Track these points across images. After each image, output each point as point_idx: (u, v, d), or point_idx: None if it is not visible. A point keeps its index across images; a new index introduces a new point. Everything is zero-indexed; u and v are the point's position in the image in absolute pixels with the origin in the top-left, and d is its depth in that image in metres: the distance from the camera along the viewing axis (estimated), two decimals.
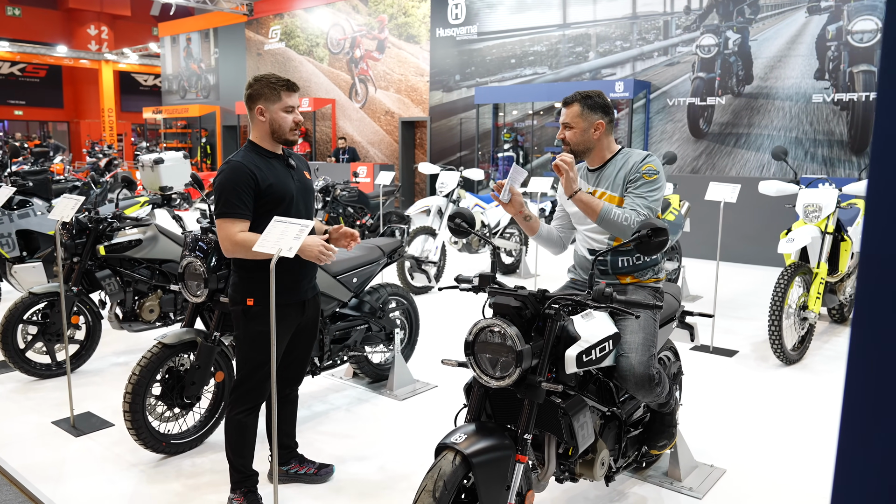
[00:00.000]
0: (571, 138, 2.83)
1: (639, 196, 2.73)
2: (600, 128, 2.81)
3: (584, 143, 2.83)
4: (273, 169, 2.87)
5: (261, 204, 2.80)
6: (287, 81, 2.87)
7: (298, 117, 2.91)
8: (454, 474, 2.10)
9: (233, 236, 2.73)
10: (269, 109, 2.84)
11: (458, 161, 14.12)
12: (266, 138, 2.89)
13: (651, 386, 2.59)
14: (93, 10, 29.17)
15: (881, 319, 0.76)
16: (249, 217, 2.78)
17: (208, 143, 20.76)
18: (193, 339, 3.47)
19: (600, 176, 2.89)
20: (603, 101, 2.83)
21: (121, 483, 3.24)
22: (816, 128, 9.94)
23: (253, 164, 2.80)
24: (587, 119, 2.80)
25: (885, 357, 0.76)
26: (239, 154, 2.86)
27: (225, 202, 2.74)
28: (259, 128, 2.88)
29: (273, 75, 2.87)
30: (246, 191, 2.75)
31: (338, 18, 16.47)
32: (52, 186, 7.52)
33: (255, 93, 2.85)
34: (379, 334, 4.35)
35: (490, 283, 2.46)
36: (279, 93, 2.83)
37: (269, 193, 2.81)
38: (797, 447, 3.67)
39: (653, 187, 2.74)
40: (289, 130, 2.87)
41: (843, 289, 5.71)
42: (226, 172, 2.78)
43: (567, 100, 2.86)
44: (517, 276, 8.16)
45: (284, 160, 2.96)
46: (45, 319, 4.57)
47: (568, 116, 2.83)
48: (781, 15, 10.15)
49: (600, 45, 12.08)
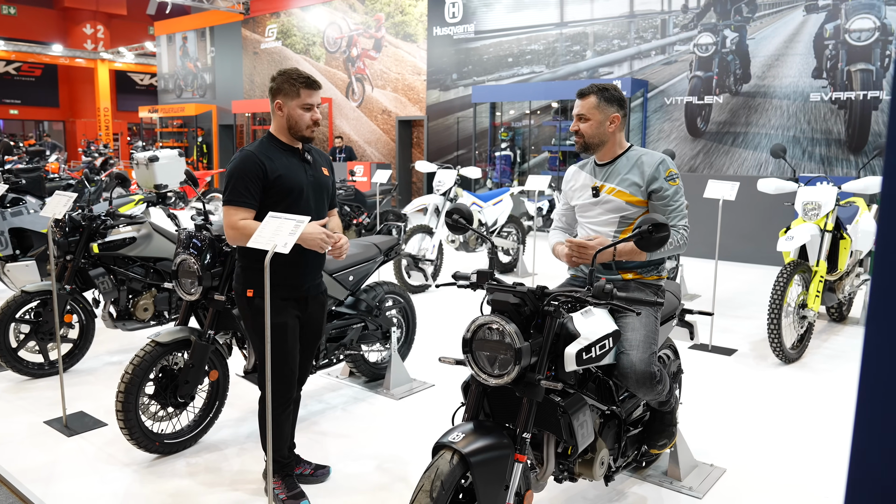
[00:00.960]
0: (587, 130, 2.79)
1: (676, 210, 2.75)
2: (616, 121, 2.78)
3: (599, 136, 2.79)
4: (286, 161, 2.88)
5: (269, 195, 2.82)
6: (308, 78, 2.87)
7: (317, 115, 2.90)
8: (452, 474, 2.06)
9: (235, 223, 2.77)
10: (288, 105, 2.85)
11: (456, 160, 14.09)
12: (283, 132, 2.91)
13: (652, 384, 2.55)
14: (88, 8, 29.05)
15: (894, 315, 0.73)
16: (254, 206, 2.81)
17: (204, 143, 20.68)
18: (187, 337, 3.42)
19: (609, 171, 2.85)
20: (619, 94, 2.81)
21: (114, 483, 3.20)
22: (814, 126, 9.92)
23: (264, 155, 2.82)
24: (604, 111, 2.76)
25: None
26: (254, 143, 2.89)
27: (232, 190, 2.78)
28: (277, 122, 2.91)
29: (296, 70, 2.88)
30: (253, 180, 2.78)
31: (334, 17, 16.42)
32: (45, 184, 7.47)
33: (276, 87, 2.87)
34: (375, 333, 4.31)
35: (488, 280, 2.42)
36: (298, 89, 2.83)
37: (278, 184, 2.83)
38: (797, 446, 3.63)
39: (681, 193, 2.79)
40: (305, 127, 2.88)
41: (842, 287, 5.69)
42: (236, 160, 2.82)
43: (583, 91, 2.81)
44: (515, 274, 8.13)
45: (301, 154, 2.96)
46: (37, 318, 4.52)
47: (584, 108, 2.79)
48: (779, 13, 10.13)
49: (598, 43, 12.05)
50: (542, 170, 13.02)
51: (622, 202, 2.78)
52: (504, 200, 7.88)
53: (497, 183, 13.17)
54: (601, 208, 2.84)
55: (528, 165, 13.35)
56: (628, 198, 2.77)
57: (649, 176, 2.75)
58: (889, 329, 0.74)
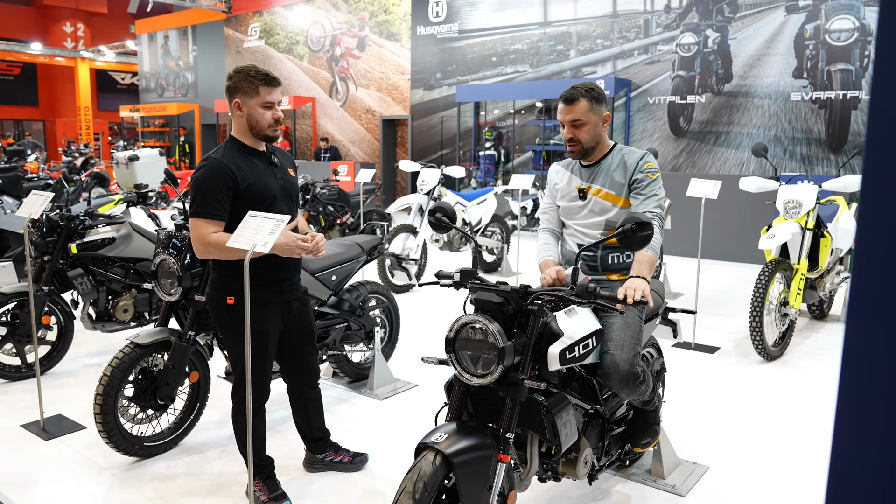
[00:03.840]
0: (583, 136, 2.71)
1: (649, 196, 2.71)
2: (608, 120, 2.76)
3: (595, 139, 2.74)
4: (254, 167, 2.78)
5: (240, 204, 2.71)
6: (266, 75, 2.76)
7: (279, 114, 2.80)
8: (434, 475, 2.04)
9: (205, 237, 2.66)
10: (247, 104, 2.75)
11: (440, 159, 14.07)
12: (245, 133, 2.80)
13: (635, 384, 2.55)
14: (68, 6, 28.66)
15: (876, 312, 0.73)
16: (225, 218, 2.70)
17: (187, 142, 20.50)
18: (167, 338, 3.38)
19: (595, 172, 2.82)
20: (602, 91, 2.76)
21: (92, 488, 3.15)
22: (795, 126, 10.01)
23: (233, 163, 2.71)
24: (597, 112, 2.70)
25: (877, 348, 0.73)
26: (219, 151, 2.76)
27: (201, 202, 2.66)
28: (238, 123, 2.80)
29: (253, 68, 2.77)
30: (223, 191, 2.67)
31: (318, 16, 16.34)
32: (23, 184, 7.35)
33: (233, 85, 2.76)
34: (359, 333, 4.28)
35: (471, 279, 2.41)
36: (257, 87, 2.73)
37: (249, 193, 2.73)
38: (779, 443, 3.66)
39: (658, 184, 2.75)
40: (267, 126, 2.78)
41: (823, 285, 5.74)
42: (204, 170, 2.69)
43: (571, 96, 2.68)
44: (499, 273, 8.12)
45: (267, 157, 2.87)
46: (14, 320, 4.44)
47: (577, 113, 2.68)
48: (760, 14, 10.21)
49: (581, 43, 12.09)
50: (527, 169, 13.03)
51: (608, 203, 2.77)
52: (488, 200, 7.87)
53: (481, 182, 13.16)
54: (587, 210, 2.82)
55: (512, 165, 13.36)
56: (614, 199, 2.77)
57: (631, 171, 2.75)
58: (869, 326, 0.74)
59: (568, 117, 2.71)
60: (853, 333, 0.75)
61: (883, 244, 0.72)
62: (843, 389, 0.77)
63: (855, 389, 0.76)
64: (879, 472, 0.75)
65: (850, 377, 0.76)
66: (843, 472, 0.77)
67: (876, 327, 0.73)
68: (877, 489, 0.76)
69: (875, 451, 0.75)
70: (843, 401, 0.77)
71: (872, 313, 0.74)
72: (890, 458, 0.74)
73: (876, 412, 0.75)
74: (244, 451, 2.92)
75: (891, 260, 0.72)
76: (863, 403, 0.76)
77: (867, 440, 0.75)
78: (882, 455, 0.75)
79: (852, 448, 0.76)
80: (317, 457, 3.32)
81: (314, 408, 3.25)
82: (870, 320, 0.74)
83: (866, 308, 0.74)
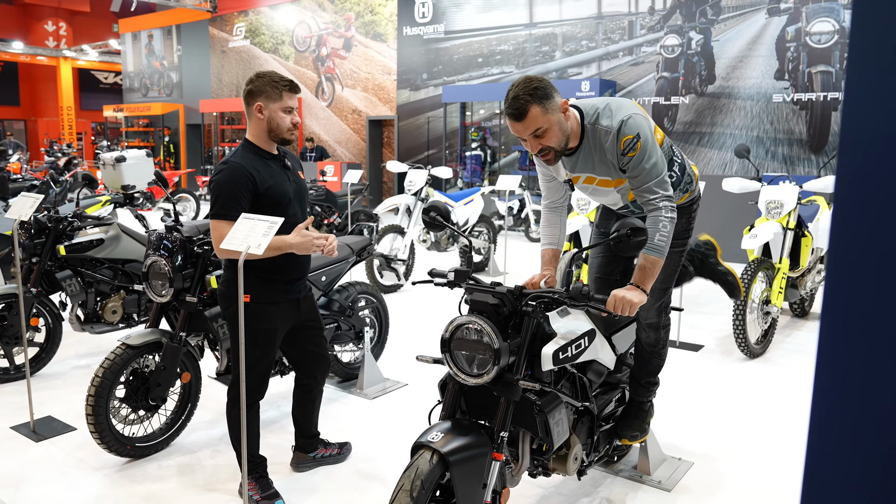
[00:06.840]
0: (552, 141, 2.45)
1: (646, 184, 2.49)
2: (566, 106, 2.47)
3: (565, 135, 2.49)
4: (270, 170, 2.87)
5: (259, 206, 2.80)
6: (290, 82, 2.87)
7: (296, 119, 2.91)
8: (431, 473, 2.08)
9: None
10: (269, 108, 2.83)
11: (426, 160, 14.10)
12: (262, 137, 2.89)
13: (657, 328, 2.63)
14: (50, 5, 28.32)
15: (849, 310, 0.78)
16: None
17: (171, 142, 20.35)
18: (158, 339, 3.39)
19: (577, 161, 2.67)
20: (544, 81, 2.42)
21: (84, 489, 3.16)
22: (777, 127, 10.15)
23: (252, 167, 2.80)
24: (552, 109, 2.41)
25: (852, 345, 0.78)
26: (237, 154, 2.85)
27: (222, 204, 2.74)
28: (256, 125, 2.87)
29: (276, 74, 2.87)
30: (244, 193, 2.76)
31: (303, 16, 16.31)
32: (9, 185, 7.30)
33: (256, 89, 2.83)
34: (348, 333, 4.31)
35: (466, 279, 2.44)
36: (281, 92, 2.83)
37: (268, 196, 2.82)
38: (762, 438, 3.74)
39: (644, 154, 2.46)
40: (286, 130, 2.88)
41: (804, 283, 5.84)
42: (225, 173, 2.77)
43: (519, 110, 2.37)
44: (486, 273, 8.17)
45: (280, 160, 2.96)
46: (2, 322, 4.42)
47: (534, 123, 2.39)
48: (742, 16, 10.35)
49: (566, 44, 12.17)
50: (513, 169, 13.10)
51: (603, 188, 2.75)
52: (475, 200, 7.92)
53: (468, 183, 13.21)
54: (590, 192, 2.81)
55: (498, 165, 13.42)
56: (606, 183, 2.70)
57: (611, 158, 2.56)
58: (842, 323, 0.79)
59: (526, 132, 2.42)
60: (828, 331, 0.80)
61: (855, 246, 0.77)
62: (819, 384, 0.82)
63: (830, 384, 0.81)
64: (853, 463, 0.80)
65: (826, 373, 0.81)
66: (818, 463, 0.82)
67: (849, 325, 0.78)
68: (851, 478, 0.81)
69: (848, 443, 0.80)
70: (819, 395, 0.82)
71: (845, 311, 0.79)
72: (862, 449, 0.79)
73: (849, 405, 0.80)
74: (238, 446, 2.95)
75: (863, 260, 0.77)
76: (836, 398, 0.81)
77: (840, 433, 0.80)
78: (855, 446, 0.80)
79: (826, 440, 0.82)
80: (308, 455, 3.37)
81: (318, 403, 3.36)
82: (843, 318, 0.79)
83: (838, 306, 0.79)
